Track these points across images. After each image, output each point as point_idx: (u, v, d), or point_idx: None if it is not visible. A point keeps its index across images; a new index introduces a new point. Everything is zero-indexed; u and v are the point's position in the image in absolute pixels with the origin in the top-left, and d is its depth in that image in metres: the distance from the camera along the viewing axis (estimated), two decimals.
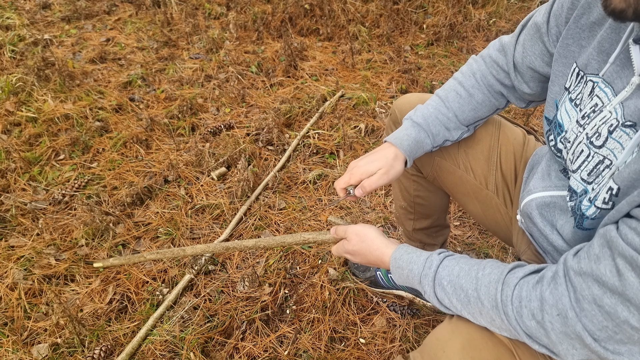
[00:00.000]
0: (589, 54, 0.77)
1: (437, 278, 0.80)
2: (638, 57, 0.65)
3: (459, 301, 0.77)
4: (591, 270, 0.64)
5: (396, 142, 1.03)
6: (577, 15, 0.79)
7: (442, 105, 1.06)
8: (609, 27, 0.73)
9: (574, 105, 0.80)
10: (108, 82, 2.78)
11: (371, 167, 1.00)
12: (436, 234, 1.45)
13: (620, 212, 0.63)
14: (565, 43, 0.82)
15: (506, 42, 1.00)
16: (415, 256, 0.85)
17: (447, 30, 3.17)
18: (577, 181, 0.77)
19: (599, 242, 0.65)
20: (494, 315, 0.72)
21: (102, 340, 1.44)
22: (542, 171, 0.93)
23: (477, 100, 1.05)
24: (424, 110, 1.06)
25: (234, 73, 2.80)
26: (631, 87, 0.67)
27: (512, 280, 0.72)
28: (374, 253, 0.93)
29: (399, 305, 1.52)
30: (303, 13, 3.37)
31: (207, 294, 1.57)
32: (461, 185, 1.16)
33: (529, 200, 0.91)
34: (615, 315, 0.61)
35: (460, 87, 1.06)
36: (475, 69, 1.05)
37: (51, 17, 3.54)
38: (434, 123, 1.05)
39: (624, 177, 0.65)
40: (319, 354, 1.38)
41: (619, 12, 0.59)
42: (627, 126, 0.67)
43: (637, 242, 0.58)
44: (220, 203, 1.92)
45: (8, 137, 2.30)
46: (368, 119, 2.41)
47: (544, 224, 0.87)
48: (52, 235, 1.79)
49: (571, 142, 0.80)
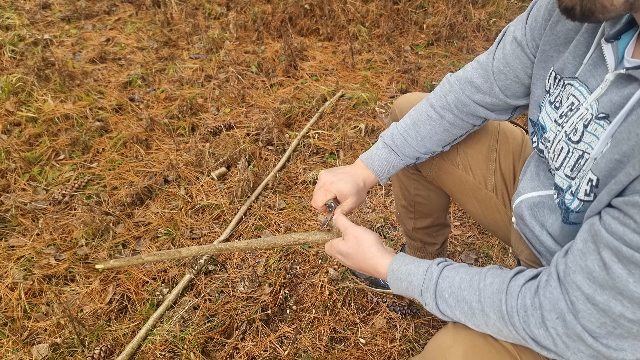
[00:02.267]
0: (564, 58, 0.80)
1: (438, 290, 0.79)
2: (610, 54, 0.68)
3: (463, 313, 0.76)
4: (579, 267, 0.64)
5: (367, 161, 1.07)
6: (553, 22, 0.82)
7: (412, 128, 1.07)
8: (584, 32, 0.76)
9: (553, 108, 0.82)
10: (108, 82, 2.78)
11: (343, 188, 1.02)
12: (436, 233, 1.45)
13: (602, 203, 0.64)
14: (543, 49, 0.85)
15: (483, 60, 1.00)
16: (414, 267, 0.83)
17: (447, 30, 3.17)
18: (561, 178, 0.78)
19: (582, 236, 0.65)
20: (501, 326, 0.72)
21: (102, 340, 1.44)
22: (531, 172, 0.93)
23: (449, 121, 1.05)
24: (394, 130, 1.08)
25: (234, 73, 2.80)
26: (605, 83, 0.69)
27: (514, 289, 0.71)
28: (369, 262, 0.91)
29: (399, 305, 1.52)
30: (303, 13, 3.37)
31: (207, 294, 1.57)
32: (460, 185, 1.16)
33: (519, 201, 0.92)
34: (610, 311, 0.61)
35: (431, 109, 1.06)
36: (448, 90, 1.04)
37: (51, 17, 3.54)
38: (402, 145, 1.07)
39: (601, 167, 0.66)
40: (319, 354, 1.38)
41: (570, 10, 0.63)
42: (601, 118, 0.69)
43: (621, 231, 0.59)
44: (220, 203, 1.92)
45: (8, 137, 2.30)
46: (368, 119, 2.41)
47: (534, 224, 0.87)
48: (52, 235, 1.79)
49: (551, 142, 0.81)
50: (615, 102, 0.67)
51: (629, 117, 0.63)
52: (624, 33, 0.68)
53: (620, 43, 0.69)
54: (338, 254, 0.97)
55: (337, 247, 0.97)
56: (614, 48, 0.69)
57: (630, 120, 0.63)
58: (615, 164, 0.63)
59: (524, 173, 0.97)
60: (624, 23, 0.68)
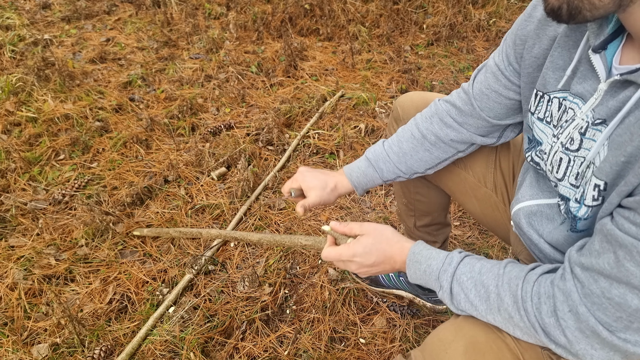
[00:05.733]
0: (543, 75, 0.82)
1: (456, 274, 0.80)
2: (600, 65, 0.69)
3: (478, 296, 0.77)
4: (592, 265, 0.65)
5: (347, 171, 1.13)
6: (529, 46, 0.85)
7: (395, 144, 1.10)
8: (557, 46, 0.79)
9: (545, 123, 0.84)
10: (108, 82, 2.79)
11: (310, 181, 1.09)
12: (437, 232, 1.46)
13: (612, 204, 0.64)
14: (528, 72, 0.87)
15: (466, 86, 1.03)
16: (435, 253, 0.85)
17: (447, 30, 3.17)
18: (567, 188, 0.78)
19: (599, 238, 0.65)
20: (512, 311, 0.72)
21: (102, 340, 1.44)
22: (530, 179, 0.94)
23: (430, 142, 1.06)
24: (378, 146, 1.13)
25: (234, 73, 2.80)
26: (599, 93, 0.70)
27: (532, 277, 0.73)
28: (394, 246, 0.89)
29: (399, 305, 1.52)
30: (303, 13, 3.38)
31: (207, 294, 1.57)
32: (459, 183, 1.16)
33: (517, 209, 0.92)
34: (627, 304, 0.61)
35: (416, 129, 1.08)
36: (433, 112, 1.07)
37: (51, 17, 3.54)
38: (384, 160, 1.10)
39: (607, 171, 0.66)
40: (319, 354, 1.38)
41: (556, 10, 0.64)
42: (597, 124, 0.70)
43: (633, 230, 0.59)
44: (220, 203, 1.92)
45: (8, 137, 2.30)
46: (368, 119, 2.41)
47: (531, 232, 0.88)
48: (52, 235, 1.79)
49: (547, 153, 0.82)
50: (611, 107, 0.67)
51: (627, 119, 0.64)
52: (610, 43, 0.69)
53: (608, 53, 0.70)
54: (355, 256, 0.91)
55: (349, 251, 0.91)
56: (603, 58, 0.69)
57: (628, 122, 0.63)
58: (623, 166, 0.63)
59: (523, 179, 0.97)
60: (609, 33, 0.69)
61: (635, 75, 0.63)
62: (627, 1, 0.60)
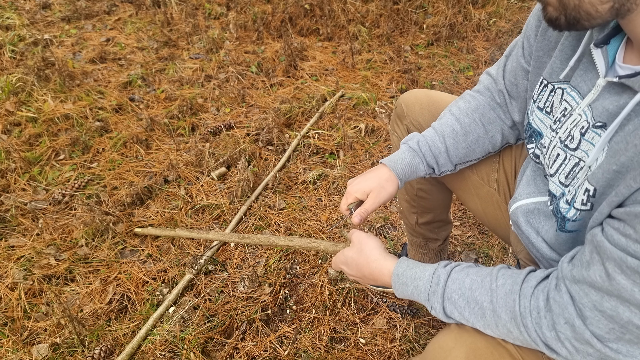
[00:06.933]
0: (552, 63, 0.81)
1: (446, 293, 0.78)
2: (600, 60, 0.69)
3: (472, 314, 0.75)
4: (583, 277, 0.64)
5: (390, 164, 1.04)
6: (543, 29, 0.84)
7: (437, 138, 1.05)
8: (569, 35, 0.78)
9: (545, 113, 0.83)
10: (108, 82, 2.78)
11: (364, 186, 1.01)
12: (438, 229, 1.46)
13: (603, 214, 0.64)
14: (537, 55, 0.86)
15: (494, 73, 1.01)
16: (419, 271, 0.82)
17: (447, 30, 3.17)
18: (555, 185, 0.78)
19: (589, 248, 0.65)
20: (512, 327, 0.71)
21: (102, 340, 1.44)
22: (527, 177, 0.93)
23: (472, 139, 1.04)
24: (420, 138, 1.07)
25: (234, 73, 2.80)
26: (597, 89, 0.70)
27: (527, 291, 0.71)
28: (372, 264, 0.89)
29: (399, 305, 1.52)
30: (303, 13, 3.37)
31: (207, 294, 1.57)
32: (463, 180, 1.16)
33: (515, 207, 0.92)
34: (618, 317, 0.61)
35: (457, 124, 1.05)
36: (474, 107, 1.04)
37: (51, 17, 3.54)
38: (427, 153, 1.06)
39: (598, 177, 0.66)
40: (319, 354, 1.38)
41: (555, 20, 0.65)
42: (598, 127, 0.69)
43: (623, 242, 0.59)
44: (220, 203, 1.92)
45: (8, 137, 2.30)
46: (368, 119, 2.41)
47: (530, 231, 0.87)
48: (52, 235, 1.79)
49: (546, 147, 0.82)
50: (611, 111, 0.67)
51: (626, 127, 0.63)
52: (613, 38, 0.69)
53: (610, 47, 0.69)
54: (342, 263, 0.96)
55: (342, 256, 0.95)
56: (604, 53, 0.69)
57: (627, 130, 0.63)
58: (614, 175, 0.63)
59: (521, 178, 0.97)
60: (612, 27, 0.68)
61: (632, 81, 0.62)
62: (624, 10, 0.60)
